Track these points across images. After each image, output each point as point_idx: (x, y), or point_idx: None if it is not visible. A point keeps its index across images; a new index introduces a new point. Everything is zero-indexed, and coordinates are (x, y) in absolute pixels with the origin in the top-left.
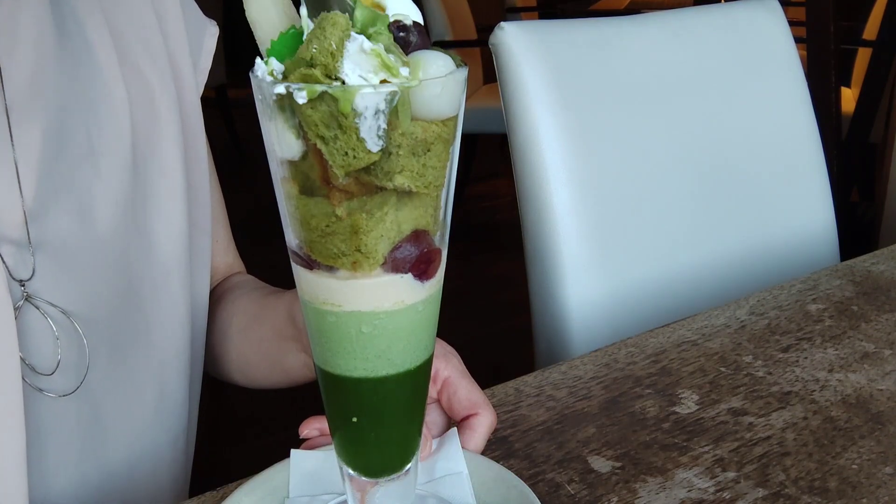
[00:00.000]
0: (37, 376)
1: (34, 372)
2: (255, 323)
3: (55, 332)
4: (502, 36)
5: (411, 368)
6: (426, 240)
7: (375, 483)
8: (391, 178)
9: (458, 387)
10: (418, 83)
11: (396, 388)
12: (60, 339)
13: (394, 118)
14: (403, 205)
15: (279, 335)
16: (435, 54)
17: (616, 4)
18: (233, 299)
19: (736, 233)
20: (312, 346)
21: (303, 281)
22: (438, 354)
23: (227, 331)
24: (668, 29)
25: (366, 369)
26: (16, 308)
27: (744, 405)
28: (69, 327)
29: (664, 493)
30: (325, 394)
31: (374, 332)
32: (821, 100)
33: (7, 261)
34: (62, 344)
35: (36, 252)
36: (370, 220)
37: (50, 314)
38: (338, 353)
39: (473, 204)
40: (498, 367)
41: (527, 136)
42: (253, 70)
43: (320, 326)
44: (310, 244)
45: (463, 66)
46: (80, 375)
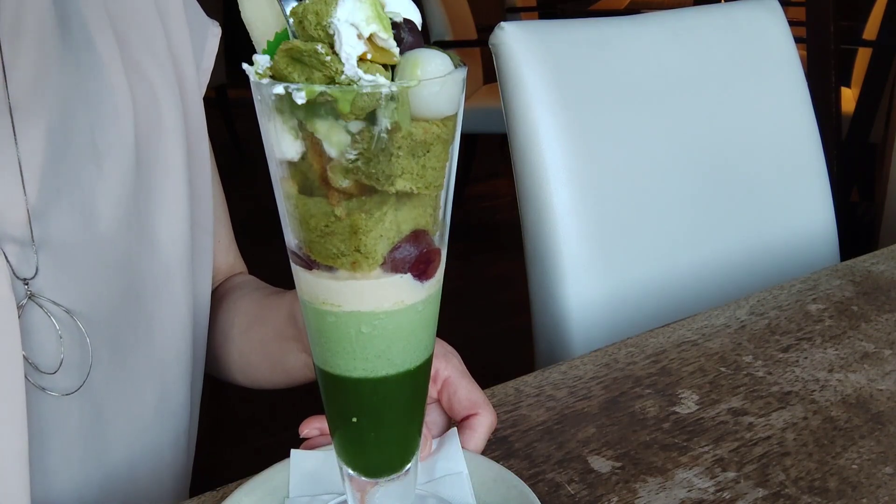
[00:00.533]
0: (40, 375)
1: (37, 370)
2: (256, 323)
3: (58, 330)
4: (502, 36)
5: (411, 368)
6: (426, 240)
7: (375, 483)
8: (392, 181)
9: (458, 387)
10: (417, 83)
11: (396, 388)
12: (63, 338)
13: (393, 120)
14: (403, 205)
15: (280, 335)
16: (433, 53)
17: (616, 4)
18: (234, 300)
19: (736, 233)
20: (312, 346)
21: (302, 281)
22: (438, 354)
23: (228, 331)
24: (668, 29)
25: (365, 369)
26: (19, 306)
27: (744, 405)
28: (72, 326)
29: (664, 493)
30: (324, 394)
31: (374, 332)
32: (821, 100)
33: (11, 259)
34: (65, 343)
35: (39, 250)
36: (369, 219)
37: (53, 313)
38: (337, 353)
39: (473, 204)
40: (498, 367)
41: (527, 136)
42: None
43: (320, 327)
44: (309, 244)
45: (462, 65)
46: (83, 375)
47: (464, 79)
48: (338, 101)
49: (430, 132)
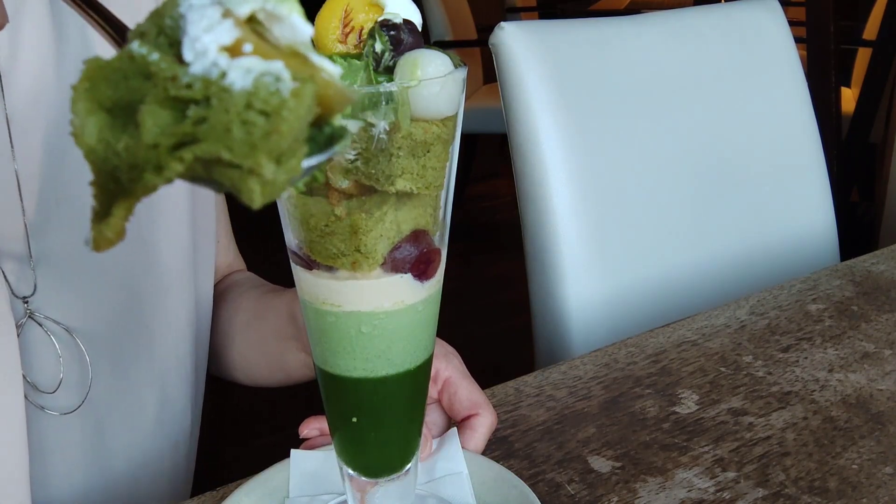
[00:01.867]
0: (39, 394)
1: (36, 390)
2: (255, 321)
3: (58, 349)
4: (502, 36)
5: (411, 368)
6: (426, 240)
7: (375, 483)
8: (392, 182)
9: (458, 387)
10: (418, 83)
11: (396, 388)
12: (63, 357)
13: (394, 120)
14: (403, 204)
15: (279, 334)
16: (433, 53)
17: (616, 4)
18: (233, 298)
19: (736, 233)
20: (312, 346)
21: (302, 281)
22: (439, 354)
23: (227, 330)
24: (668, 29)
25: (365, 369)
26: (18, 325)
27: (744, 405)
28: (71, 344)
29: (664, 493)
30: (324, 394)
31: (374, 332)
32: (821, 100)
33: (9, 278)
34: (65, 361)
35: (37, 267)
36: (369, 219)
37: (53, 331)
38: (337, 353)
39: (473, 204)
40: (498, 367)
41: (527, 136)
42: None
43: (320, 326)
44: (309, 244)
45: (462, 65)
46: (83, 393)
47: (464, 79)
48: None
49: (430, 132)
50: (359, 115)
